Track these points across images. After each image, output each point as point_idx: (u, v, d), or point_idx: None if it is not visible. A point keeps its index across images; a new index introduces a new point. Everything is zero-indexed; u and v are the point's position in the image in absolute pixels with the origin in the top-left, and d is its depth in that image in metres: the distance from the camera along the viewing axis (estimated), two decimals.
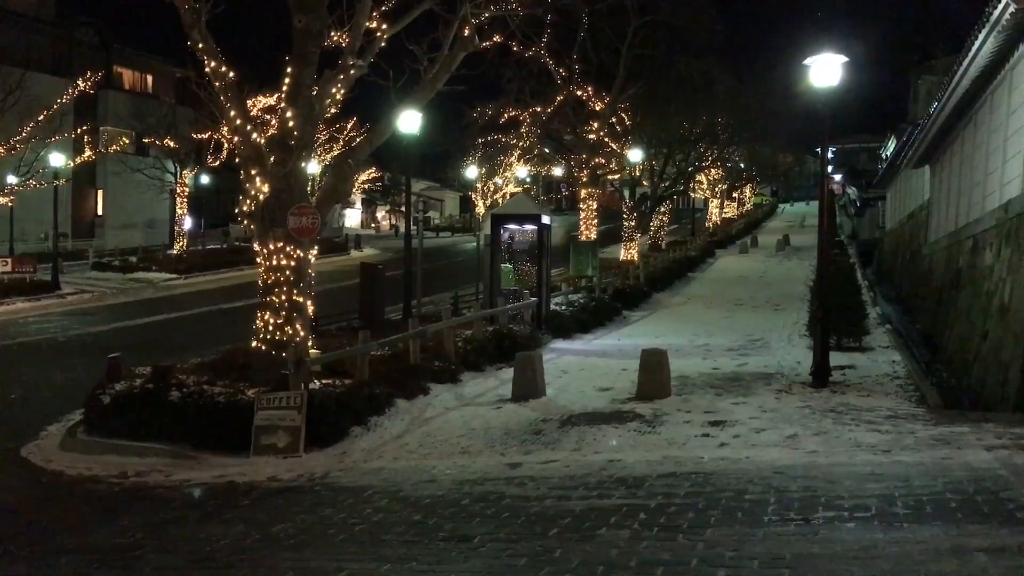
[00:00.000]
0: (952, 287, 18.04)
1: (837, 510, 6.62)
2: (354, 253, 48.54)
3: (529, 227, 20.71)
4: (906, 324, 22.91)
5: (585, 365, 16.21)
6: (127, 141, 46.05)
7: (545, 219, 20.81)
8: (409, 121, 18.33)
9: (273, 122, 15.37)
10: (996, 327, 13.05)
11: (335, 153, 44.50)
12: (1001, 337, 12.60)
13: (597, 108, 37.39)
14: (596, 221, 38.43)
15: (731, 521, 6.51)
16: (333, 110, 14.45)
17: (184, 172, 43.59)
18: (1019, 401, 10.86)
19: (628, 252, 38.35)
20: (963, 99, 17.99)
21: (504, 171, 54.82)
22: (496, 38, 17.61)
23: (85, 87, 35.87)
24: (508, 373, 14.01)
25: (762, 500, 7.06)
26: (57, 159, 33.61)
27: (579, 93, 36.86)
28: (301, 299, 13.34)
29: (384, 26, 13.91)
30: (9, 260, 31.28)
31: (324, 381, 12.26)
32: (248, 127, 13.42)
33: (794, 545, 5.82)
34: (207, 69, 13.32)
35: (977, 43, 14.17)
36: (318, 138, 40.08)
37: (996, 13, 12.51)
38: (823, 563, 5.39)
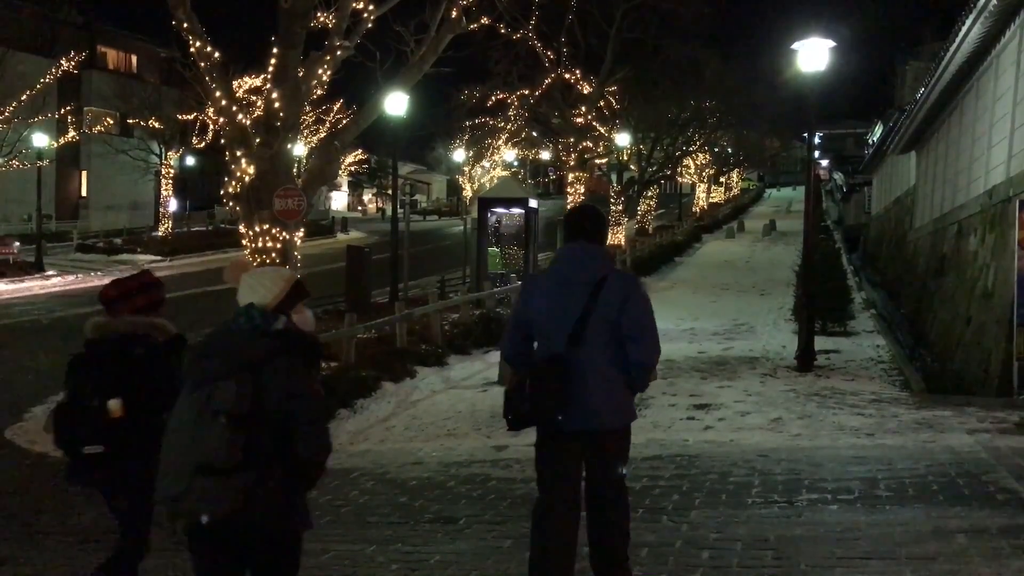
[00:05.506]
0: (937, 273, 18.13)
1: (820, 492, 6.66)
2: (340, 236, 48.39)
3: (516, 211, 20.70)
4: (891, 309, 23.02)
5: None
6: (111, 122, 45.69)
7: (532, 203, 20.79)
8: (396, 103, 18.25)
9: (259, 103, 15.26)
10: (979, 312, 13.14)
11: (321, 135, 44.23)
12: (984, 322, 12.69)
13: (585, 92, 37.29)
14: None
15: (715, 503, 6.54)
16: (319, 91, 14.36)
17: (169, 153, 43.30)
18: (1001, 385, 10.94)
19: (615, 236, 38.33)
20: (950, 85, 18.03)
21: (491, 154, 54.67)
22: (484, 20, 17.52)
23: (69, 67, 35.50)
24: (495, 356, 14.01)
25: (746, 483, 7.10)
26: (40, 139, 33.32)
27: (567, 76, 36.73)
28: None
29: (371, 7, 13.80)
30: None
31: None
32: (234, 108, 13.31)
33: (778, 527, 5.85)
34: (192, 49, 13.18)
35: (964, 29, 14.20)
36: (304, 120, 39.84)
37: None
38: (806, 545, 5.43)
